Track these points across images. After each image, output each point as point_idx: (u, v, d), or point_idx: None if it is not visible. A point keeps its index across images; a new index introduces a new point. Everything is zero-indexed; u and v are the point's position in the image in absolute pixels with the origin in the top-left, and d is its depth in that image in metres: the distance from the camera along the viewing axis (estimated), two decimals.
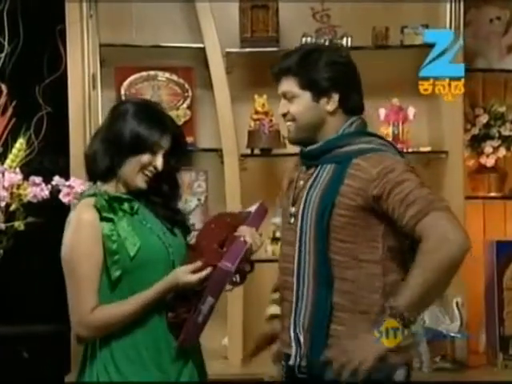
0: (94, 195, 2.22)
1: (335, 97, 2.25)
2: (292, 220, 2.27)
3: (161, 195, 2.29)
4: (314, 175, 2.26)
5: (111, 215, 2.17)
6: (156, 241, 2.23)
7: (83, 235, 2.15)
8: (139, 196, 2.26)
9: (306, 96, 2.26)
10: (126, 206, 2.22)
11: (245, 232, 2.22)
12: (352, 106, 2.29)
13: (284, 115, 2.31)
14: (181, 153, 2.29)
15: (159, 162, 2.21)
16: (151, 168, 2.21)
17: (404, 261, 2.22)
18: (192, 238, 2.34)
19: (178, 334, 2.18)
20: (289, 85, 2.27)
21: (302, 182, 2.29)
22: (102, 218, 2.16)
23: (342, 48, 2.35)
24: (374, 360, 2.09)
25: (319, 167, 2.26)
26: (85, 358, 2.22)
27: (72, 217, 2.20)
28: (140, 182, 2.21)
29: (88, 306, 2.13)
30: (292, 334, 2.24)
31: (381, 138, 2.34)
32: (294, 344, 2.23)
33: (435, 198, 2.14)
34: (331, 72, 2.25)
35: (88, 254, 2.14)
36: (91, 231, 2.15)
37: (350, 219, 2.18)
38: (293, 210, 2.27)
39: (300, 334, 2.22)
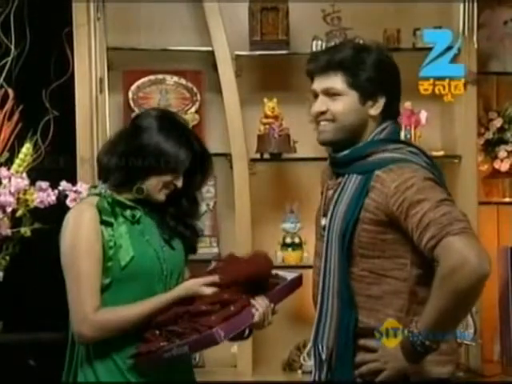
0: (98, 195, 2.20)
1: (381, 101, 2.16)
2: (324, 232, 2.18)
3: (177, 207, 2.27)
4: (341, 186, 2.17)
5: (111, 219, 2.16)
6: (151, 254, 2.20)
7: (84, 232, 2.13)
8: (144, 203, 2.23)
9: (352, 96, 2.15)
10: (128, 213, 2.20)
11: (260, 306, 2.12)
12: (393, 111, 2.21)
13: (321, 113, 2.17)
14: (203, 171, 2.27)
15: (180, 181, 2.20)
16: (171, 186, 2.21)
17: (430, 278, 2.11)
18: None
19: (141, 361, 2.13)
20: (335, 81, 2.14)
21: (331, 192, 2.21)
22: (102, 222, 2.14)
23: (385, 48, 2.26)
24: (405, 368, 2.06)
25: (345, 178, 2.17)
26: (68, 367, 2.21)
27: (71, 214, 2.18)
28: (161, 196, 2.21)
29: (92, 304, 2.10)
30: (312, 350, 2.17)
31: (410, 144, 2.24)
32: (313, 359, 2.17)
33: (451, 219, 2.01)
34: (381, 74, 2.15)
35: (89, 251, 2.12)
36: (92, 228, 2.13)
37: (377, 234, 2.10)
38: (323, 221, 2.19)
39: (322, 351, 2.15)
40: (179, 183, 2.21)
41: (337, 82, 2.14)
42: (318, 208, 2.31)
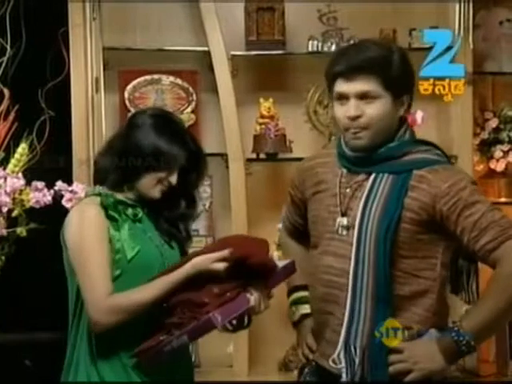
0: (99, 195, 2.21)
1: (406, 101, 2.14)
2: (344, 232, 2.14)
3: (172, 210, 2.27)
4: (369, 185, 2.13)
5: (116, 215, 2.18)
6: (154, 249, 2.22)
7: (91, 222, 2.14)
8: (143, 204, 2.25)
9: (387, 98, 2.10)
10: (130, 211, 2.22)
11: (255, 291, 2.11)
12: (408, 111, 2.19)
13: (355, 118, 2.10)
14: (198, 170, 2.27)
15: (174, 178, 2.20)
16: (166, 183, 2.21)
17: (448, 279, 2.17)
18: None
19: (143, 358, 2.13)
20: (371, 84, 2.07)
21: (348, 190, 2.16)
22: (108, 216, 2.16)
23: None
24: (443, 368, 2.06)
25: (373, 176, 2.13)
26: (68, 366, 2.21)
27: (75, 211, 2.20)
28: (155, 193, 2.22)
29: (104, 290, 2.10)
30: (343, 353, 2.12)
31: (437, 147, 2.23)
32: (344, 362, 2.13)
33: (509, 223, 2.05)
34: (408, 74, 2.13)
35: (99, 240, 2.13)
36: (99, 220, 2.15)
37: (414, 234, 2.09)
38: (345, 221, 2.14)
39: (355, 353, 2.11)
40: (173, 180, 2.20)
41: (373, 84, 2.08)
42: (315, 208, 2.25)
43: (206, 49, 3.50)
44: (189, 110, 3.60)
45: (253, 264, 2.12)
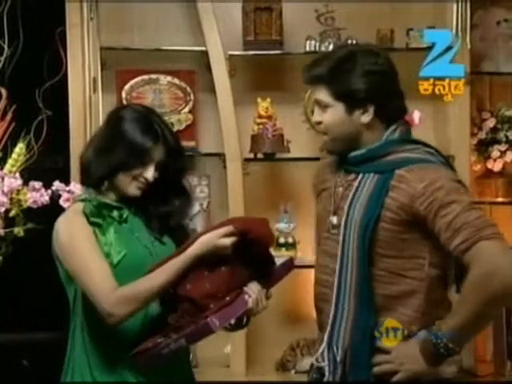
0: (83, 200, 2.20)
1: (370, 109, 2.13)
2: (334, 231, 2.17)
3: (160, 207, 2.25)
4: (356, 185, 2.15)
5: (99, 220, 2.15)
6: (142, 250, 2.20)
7: (79, 228, 2.13)
8: (130, 203, 2.23)
9: (339, 107, 2.14)
10: (115, 213, 2.20)
11: (253, 293, 2.11)
12: (390, 115, 2.18)
13: (317, 123, 2.21)
14: (178, 166, 2.24)
15: (149, 173, 2.17)
16: (142, 179, 2.18)
17: (446, 277, 2.15)
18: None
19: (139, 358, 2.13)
20: (321, 93, 2.15)
21: (341, 189, 2.19)
22: (91, 223, 2.14)
23: (380, 51, 2.21)
24: (425, 370, 2.05)
25: (360, 176, 2.15)
26: (66, 368, 2.20)
27: (60, 220, 2.19)
28: (133, 190, 2.19)
29: (110, 285, 2.08)
30: (326, 351, 2.15)
31: (427, 145, 2.21)
32: (327, 361, 2.14)
33: (484, 223, 2.03)
34: (366, 83, 2.12)
35: (90, 242, 2.12)
36: (84, 226, 2.13)
37: (397, 234, 2.09)
38: (335, 220, 2.17)
39: (337, 351, 2.13)
40: (149, 175, 2.17)
41: (322, 94, 2.15)
42: (319, 206, 2.27)
43: (203, 49, 3.50)
44: (186, 109, 3.60)
45: (256, 238, 2.12)
